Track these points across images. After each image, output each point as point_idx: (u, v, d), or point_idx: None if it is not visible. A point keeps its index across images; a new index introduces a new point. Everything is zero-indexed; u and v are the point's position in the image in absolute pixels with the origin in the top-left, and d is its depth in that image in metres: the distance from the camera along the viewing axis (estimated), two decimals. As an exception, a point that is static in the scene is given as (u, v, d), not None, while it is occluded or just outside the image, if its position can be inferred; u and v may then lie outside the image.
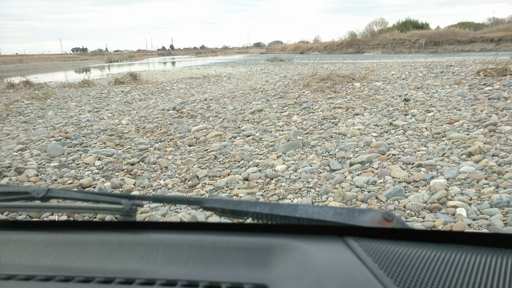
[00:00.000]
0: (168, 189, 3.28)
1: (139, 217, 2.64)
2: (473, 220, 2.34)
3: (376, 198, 2.75)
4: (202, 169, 3.66)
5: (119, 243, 0.60)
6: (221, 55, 59.06)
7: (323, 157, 3.80)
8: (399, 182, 3.01)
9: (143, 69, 24.76)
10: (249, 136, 4.81)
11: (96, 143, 4.79)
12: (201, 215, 2.60)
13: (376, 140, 4.18)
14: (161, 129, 5.43)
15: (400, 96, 6.85)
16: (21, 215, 2.68)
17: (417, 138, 4.20)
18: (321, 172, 3.37)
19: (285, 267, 0.51)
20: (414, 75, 10.06)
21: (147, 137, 5.06)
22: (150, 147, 4.58)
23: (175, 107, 6.99)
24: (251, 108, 6.47)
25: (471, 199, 2.64)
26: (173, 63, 36.61)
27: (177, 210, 2.79)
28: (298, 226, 0.61)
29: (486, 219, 2.34)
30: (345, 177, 3.21)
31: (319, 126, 5.09)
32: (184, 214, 2.68)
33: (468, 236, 0.54)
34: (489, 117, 4.74)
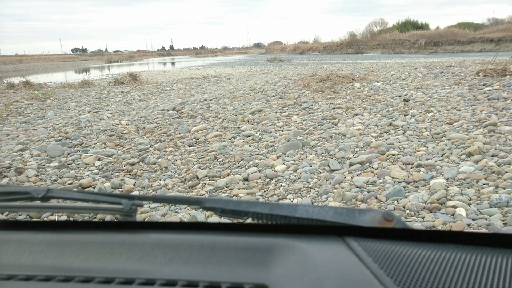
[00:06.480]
0: (168, 189, 3.28)
1: (139, 217, 2.64)
2: (473, 220, 2.34)
3: (376, 198, 2.75)
4: (202, 169, 3.66)
5: (119, 243, 0.60)
6: (221, 55, 59.07)
7: (323, 157, 3.80)
8: (399, 182, 3.01)
9: (143, 69, 24.76)
10: (249, 136, 4.81)
11: (96, 144, 4.79)
12: (201, 215, 2.60)
13: (376, 140, 4.18)
14: (161, 129, 5.43)
15: (399, 96, 6.85)
16: (21, 215, 2.68)
17: (417, 138, 4.20)
18: (321, 172, 3.37)
19: (285, 267, 0.51)
20: (414, 76, 10.06)
21: (147, 137, 5.06)
22: (150, 147, 4.58)
23: (175, 108, 6.99)
24: (251, 109, 6.47)
25: (470, 199, 2.64)
26: (173, 63, 36.61)
27: (177, 210, 2.79)
28: (298, 226, 0.61)
29: (486, 219, 2.34)
30: (345, 177, 3.21)
31: (319, 126, 5.10)
32: (184, 214, 2.68)
33: (468, 236, 0.54)
34: (489, 117, 4.74)
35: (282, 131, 5.00)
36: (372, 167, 3.39)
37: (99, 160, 4.11)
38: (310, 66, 17.19)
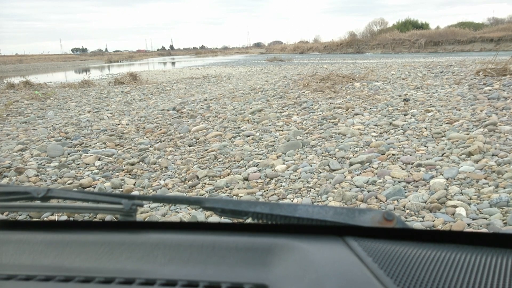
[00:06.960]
0: (168, 189, 3.28)
1: (139, 217, 2.64)
2: (473, 219, 2.35)
3: (376, 198, 2.75)
4: (202, 169, 3.66)
5: (119, 243, 0.60)
6: (221, 55, 59.05)
7: (323, 157, 3.80)
8: (399, 182, 3.01)
9: (143, 69, 24.75)
10: (249, 136, 4.81)
11: (96, 143, 4.79)
12: (201, 215, 2.60)
13: (376, 140, 4.18)
14: (161, 129, 5.43)
15: (400, 96, 6.85)
16: (21, 215, 2.68)
17: (417, 138, 4.20)
18: (321, 172, 3.37)
19: (285, 267, 0.51)
20: (414, 75, 10.06)
21: (147, 137, 5.06)
22: (150, 147, 4.58)
23: (175, 107, 6.99)
24: (251, 108, 6.47)
25: (470, 199, 2.64)
26: (173, 63, 36.59)
27: (177, 210, 2.79)
28: (298, 226, 0.61)
29: (486, 218, 2.34)
30: (345, 177, 3.21)
31: (319, 126, 5.10)
32: (184, 214, 2.68)
33: (468, 236, 0.54)
34: (489, 117, 4.74)
35: (282, 130, 5.00)
36: (372, 167, 3.39)
37: (99, 160, 4.11)
38: (310, 66, 17.19)
